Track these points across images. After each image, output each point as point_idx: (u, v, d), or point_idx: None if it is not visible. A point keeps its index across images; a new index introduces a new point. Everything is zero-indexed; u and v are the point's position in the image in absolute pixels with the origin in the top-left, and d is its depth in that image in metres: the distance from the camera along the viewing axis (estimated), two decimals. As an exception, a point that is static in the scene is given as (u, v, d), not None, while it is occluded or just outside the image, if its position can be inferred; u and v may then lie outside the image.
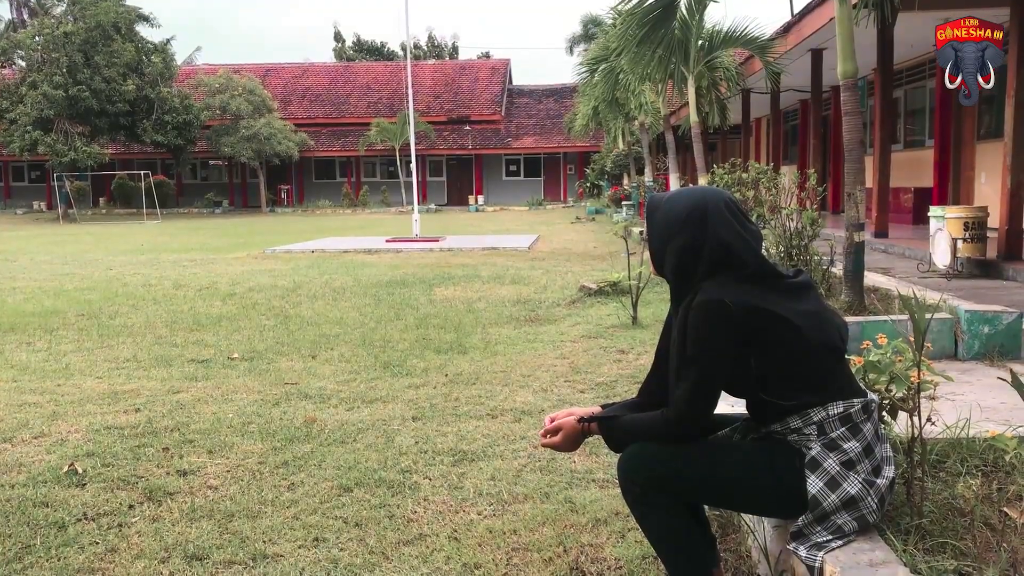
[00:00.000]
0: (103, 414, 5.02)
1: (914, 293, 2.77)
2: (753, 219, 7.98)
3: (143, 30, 40.14)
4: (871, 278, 7.37)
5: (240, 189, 47.55)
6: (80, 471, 4.00)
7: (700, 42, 14.14)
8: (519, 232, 22.65)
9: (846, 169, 6.97)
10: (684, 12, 13.00)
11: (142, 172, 39.55)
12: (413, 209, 21.85)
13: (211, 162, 46.82)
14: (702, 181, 13.28)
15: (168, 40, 40.95)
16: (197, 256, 16.39)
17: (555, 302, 9.28)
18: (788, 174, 9.53)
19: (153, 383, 5.85)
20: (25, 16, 50.34)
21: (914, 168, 16.42)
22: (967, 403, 3.99)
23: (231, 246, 19.19)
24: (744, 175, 8.64)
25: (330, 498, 3.65)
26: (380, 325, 8.07)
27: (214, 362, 6.53)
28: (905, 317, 2.73)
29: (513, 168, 48.12)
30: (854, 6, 7.07)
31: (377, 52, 65.13)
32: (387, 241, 18.92)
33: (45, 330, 8.10)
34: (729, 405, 3.05)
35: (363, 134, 44.27)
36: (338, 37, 67.30)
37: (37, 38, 36.89)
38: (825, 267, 7.47)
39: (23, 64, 38.33)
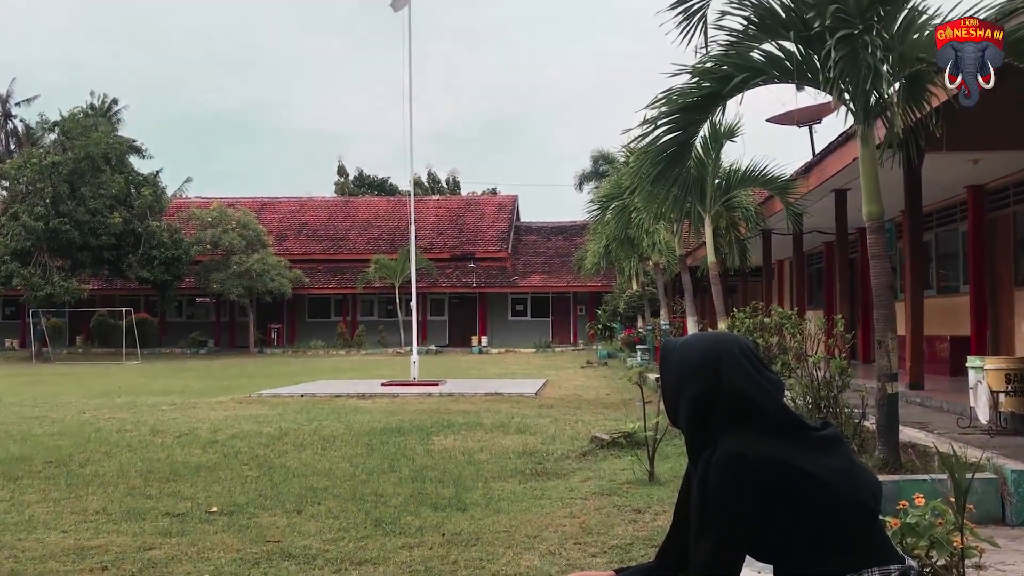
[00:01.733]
0: (66, 573, 4.93)
1: (954, 450, 2.77)
2: (778, 367, 7.96)
3: (135, 161, 41.48)
4: (907, 433, 7.32)
5: (228, 328, 47.93)
6: (37, 637, 3.90)
7: (717, 181, 14.56)
8: (525, 376, 22.64)
9: (876, 315, 7.03)
10: (700, 151, 13.42)
11: (123, 309, 39.93)
12: (412, 350, 21.91)
13: (198, 299, 47.37)
14: (721, 326, 13.39)
15: (158, 172, 42.22)
16: (178, 400, 16.37)
17: (564, 454, 9.20)
18: (814, 319, 9.61)
19: (123, 538, 5.76)
20: (12, 146, 52.19)
21: (949, 315, 16.53)
22: (1018, 574, 3.90)
23: (215, 389, 19.19)
24: (767, 320, 8.72)
25: (312, 672, 3.54)
26: (372, 477, 7.98)
27: (191, 516, 6.44)
28: (945, 476, 2.71)
29: (520, 308, 48.59)
30: (878, 146, 7.31)
31: (379, 187, 67.21)
32: (383, 385, 18.90)
33: (8, 478, 8.03)
34: (755, 572, 2.99)
35: (361, 271, 44.98)
36: (342, 171, 69.71)
37: (23, 168, 37.99)
38: (857, 420, 7.43)
39: (6, 195, 39.34)
